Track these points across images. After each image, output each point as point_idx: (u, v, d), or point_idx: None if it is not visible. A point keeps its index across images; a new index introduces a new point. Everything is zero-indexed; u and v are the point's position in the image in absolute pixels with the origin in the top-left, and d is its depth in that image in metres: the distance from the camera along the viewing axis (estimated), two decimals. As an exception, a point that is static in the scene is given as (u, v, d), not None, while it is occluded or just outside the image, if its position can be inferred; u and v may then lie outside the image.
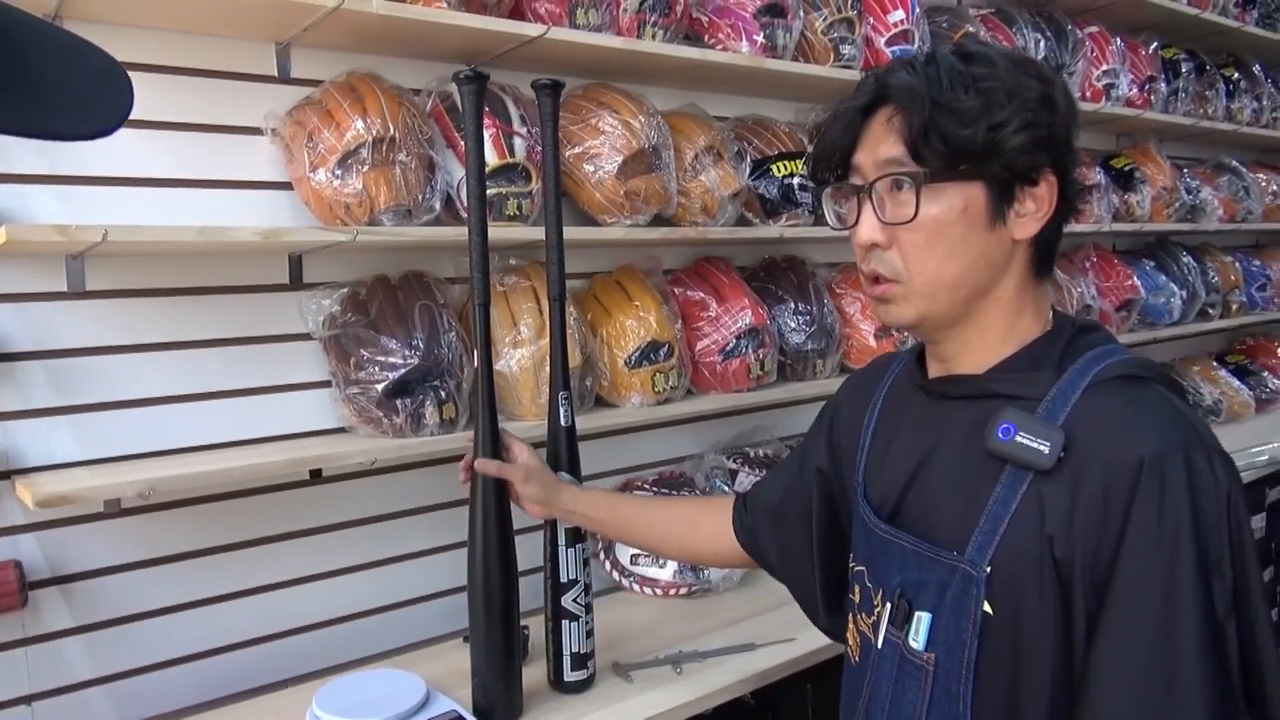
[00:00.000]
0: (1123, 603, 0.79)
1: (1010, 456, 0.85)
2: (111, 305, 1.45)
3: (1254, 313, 3.41)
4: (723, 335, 1.92)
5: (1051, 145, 0.88)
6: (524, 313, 1.67)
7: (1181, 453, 0.79)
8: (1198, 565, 0.77)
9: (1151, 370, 0.88)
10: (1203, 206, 3.13)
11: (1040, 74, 0.89)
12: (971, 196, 0.88)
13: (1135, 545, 0.79)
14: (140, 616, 1.49)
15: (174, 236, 1.34)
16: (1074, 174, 0.91)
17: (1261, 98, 3.35)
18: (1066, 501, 0.82)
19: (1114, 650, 0.79)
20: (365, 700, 1.36)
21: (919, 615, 0.90)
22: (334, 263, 1.64)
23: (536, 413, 1.66)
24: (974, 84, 0.86)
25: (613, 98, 1.78)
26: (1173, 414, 0.84)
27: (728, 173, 1.89)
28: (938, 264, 0.90)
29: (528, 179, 1.62)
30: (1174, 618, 0.77)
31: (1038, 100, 0.87)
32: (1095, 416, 0.84)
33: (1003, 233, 0.90)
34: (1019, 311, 0.93)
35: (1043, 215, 0.89)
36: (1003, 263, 0.91)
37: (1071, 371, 0.87)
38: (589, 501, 1.40)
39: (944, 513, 0.92)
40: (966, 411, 0.92)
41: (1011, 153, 0.86)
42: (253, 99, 1.54)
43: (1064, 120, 0.89)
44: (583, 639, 1.46)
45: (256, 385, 1.57)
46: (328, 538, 1.66)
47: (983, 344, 0.94)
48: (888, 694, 0.94)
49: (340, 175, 1.46)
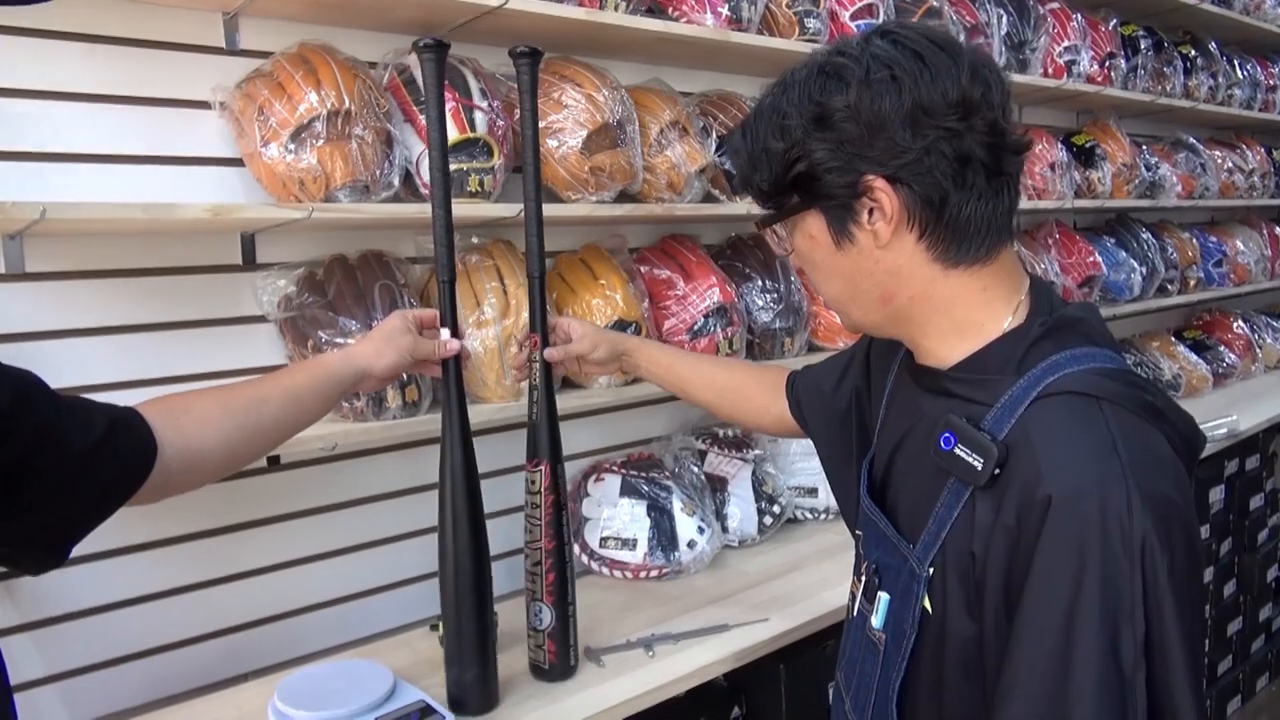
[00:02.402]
0: (1024, 640, 0.77)
1: (949, 467, 0.84)
2: (53, 287, 1.38)
3: (1210, 288, 3.46)
4: (690, 314, 1.89)
5: (854, 157, 0.84)
6: (488, 292, 1.63)
7: (1097, 494, 0.74)
8: (1102, 613, 0.73)
9: (1108, 385, 0.81)
10: (1161, 183, 3.16)
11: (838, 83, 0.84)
12: (811, 225, 0.91)
13: (1037, 586, 0.76)
14: (92, 611, 1.43)
15: (118, 214, 1.27)
16: (928, 162, 0.83)
17: (1217, 75, 3.38)
18: (990, 521, 0.81)
19: (1013, 689, 0.77)
20: (329, 692, 1.32)
21: (880, 595, 0.93)
22: (289, 242, 1.58)
23: (502, 394, 1.63)
24: (778, 121, 0.87)
25: (575, 71, 1.74)
26: (1103, 446, 0.77)
27: (694, 148, 1.86)
28: (823, 285, 0.96)
29: (489, 154, 1.58)
30: (1070, 664, 0.73)
31: (810, 123, 0.85)
32: (1029, 437, 0.80)
33: (864, 246, 0.88)
34: (948, 305, 0.89)
35: (892, 219, 0.85)
36: (886, 268, 0.88)
37: (1027, 378, 0.83)
38: (649, 357, 1.47)
39: (905, 503, 0.94)
40: (933, 405, 0.91)
41: (806, 181, 0.87)
42: (200, 71, 1.48)
43: (856, 130, 0.83)
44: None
45: (209, 370, 1.52)
46: (287, 526, 1.61)
47: (934, 340, 0.91)
48: (857, 660, 0.98)
49: (293, 150, 1.40)
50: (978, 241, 0.87)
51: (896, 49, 0.84)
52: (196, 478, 1.08)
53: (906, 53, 0.83)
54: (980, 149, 0.83)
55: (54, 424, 0.86)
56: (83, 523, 0.92)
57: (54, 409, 0.87)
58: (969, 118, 0.82)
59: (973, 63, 0.84)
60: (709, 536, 1.84)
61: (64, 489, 0.87)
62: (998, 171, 0.85)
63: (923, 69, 0.82)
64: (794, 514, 2.09)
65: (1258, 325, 3.72)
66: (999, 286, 0.89)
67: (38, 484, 0.83)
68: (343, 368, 1.22)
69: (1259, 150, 3.72)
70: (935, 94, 0.82)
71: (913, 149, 0.83)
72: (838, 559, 1.90)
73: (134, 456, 0.95)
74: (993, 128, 0.84)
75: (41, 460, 0.83)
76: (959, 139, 0.83)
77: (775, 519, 2.00)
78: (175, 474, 0.99)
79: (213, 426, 1.05)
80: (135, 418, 0.97)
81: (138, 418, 0.97)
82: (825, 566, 1.86)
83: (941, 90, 0.82)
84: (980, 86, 0.83)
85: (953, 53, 0.84)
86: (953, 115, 0.82)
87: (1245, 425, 2.80)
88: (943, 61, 0.83)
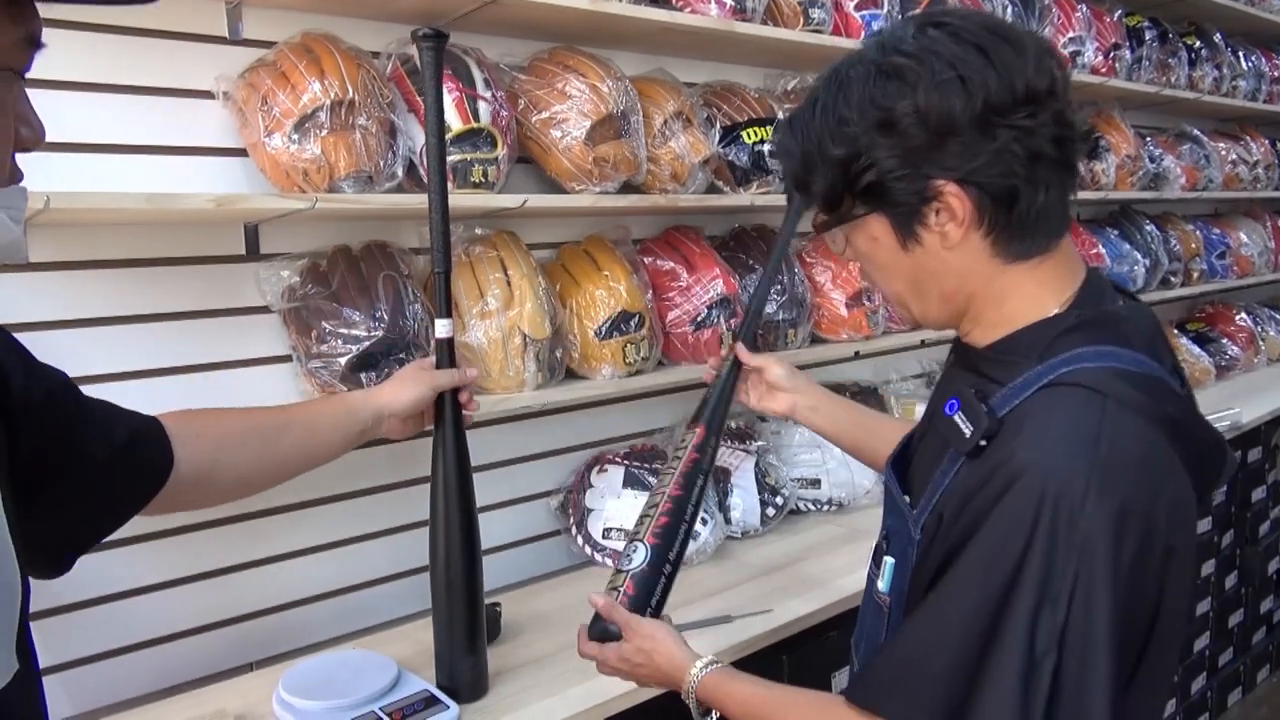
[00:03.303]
0: (952, 596, 0.79)
1: (945, 433, 0.86)
2: (57, 278, 1.38)
3: (1214, 280, 3.46)
4: (694, 305, 1.89)
5: (922, 162, 0.82)
6: (491, 284, 1.63)
7: (1058, 479, 0.75)
8: (1037, 596, 0.74)
9: (1120, 387, 0.79)
10: (1165, 175, 3.15)
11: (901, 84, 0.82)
12: (876, 228, 0.89)
13: (978, 551, 0.78)
14: (94, 602, 1.43)
15: (121, 204, 1.27)
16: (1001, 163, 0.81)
17: (1222, 66, 3.37)
18: (962, 486, 0.83)
19: (924, 635, 0.81)
20: (334, 681, 1.33)
21: (886, 559, 0.95)
22: (292, 233, 1.58)
23: (505, 385, 1.62)
24: (837, 127, 0.85)
25: (579, 61, 1.73)
26: (1085, 439, 0.76)
27: (697, 139, 1.85)
28: (885, 284, 0.95)
29: (493, 145, 1.57)
30: (994, 638, 0.75)
31: (874, 129, 0.82)
32: (1024, 416, 0.81)
33: (930, 248, 0.86)
34: (1002, 298, 0.88)
35: (963, 222, 0.83)
36: (951, 267, 0.87)
37: (1045, 365, 0.83)
38: (835, 406, 1.35)
39: (919, 471, 0.95)
40: (961, 381, 0.92)
41: (877, 188, 0.85)
42: (203, 61, 1.47)
43: (925, 135, 0.81)
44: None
45: (213, 360, 1.51)
46: (289, 517, 1.61)
47: (981, 326, 0.91)
48: (867, 626, 1.01)
49: (297, 140, 1.40)
50: (1043, 234, 0.86)
51: (957, 43, 0.81)
52: (207, 498, 1.08)
53: (968, 47, 0.81)
54: (1049, 143, 0.81)
55: (78, 428, 0.86)
56: (92, 530, 0.92)
57: (80, 413, 0.88)
58: (1038, 113, 0.80)
59: (1036, 52, 0.81)
60: (712, 527, 1.84)
61: (79, 494, 0.87)
62: (1066, 164, 0.84)
63: (988, 65, 0.80)
64: (797, 505, 2.09)
65: (1261, 318, 3.72)
66: (1054, 280, 0.88)
67: (54, 486, 0.84)
68: (363, 407, 1.23)
69: (1263, 142, 3.71)
70: (1004, 92, 0.79)
71: (984, 151, 0.80)
72: (840, 550, 1.90)
73: (149, 469, 0.95)
74: (1059, 119, 0.82)
75: (61, 462, 0.83)
76: (1030, 136, 0.80)
77: (778, 510, 2.00)
78: (187, 491, 1.00)
79: (229, 451, 1.06)
80: (156, 429, 0.97)
81: (159, 429, 0.97)
82: (828, 558, 1.86)
83: (1009, 87, 0.79)
84: (1046, 78, 0.81)
85: (1015, 43, 0.81)
86: (1022, 112, 0.80)
87: (1247, 418, 2.80)
88: (1007, 54, 0.80)
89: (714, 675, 1.04)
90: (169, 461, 0.96)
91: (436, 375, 1.29)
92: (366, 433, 1.24)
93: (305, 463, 1.20)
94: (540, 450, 1.94)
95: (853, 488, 2.11)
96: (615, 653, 1.12)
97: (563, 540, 1.93)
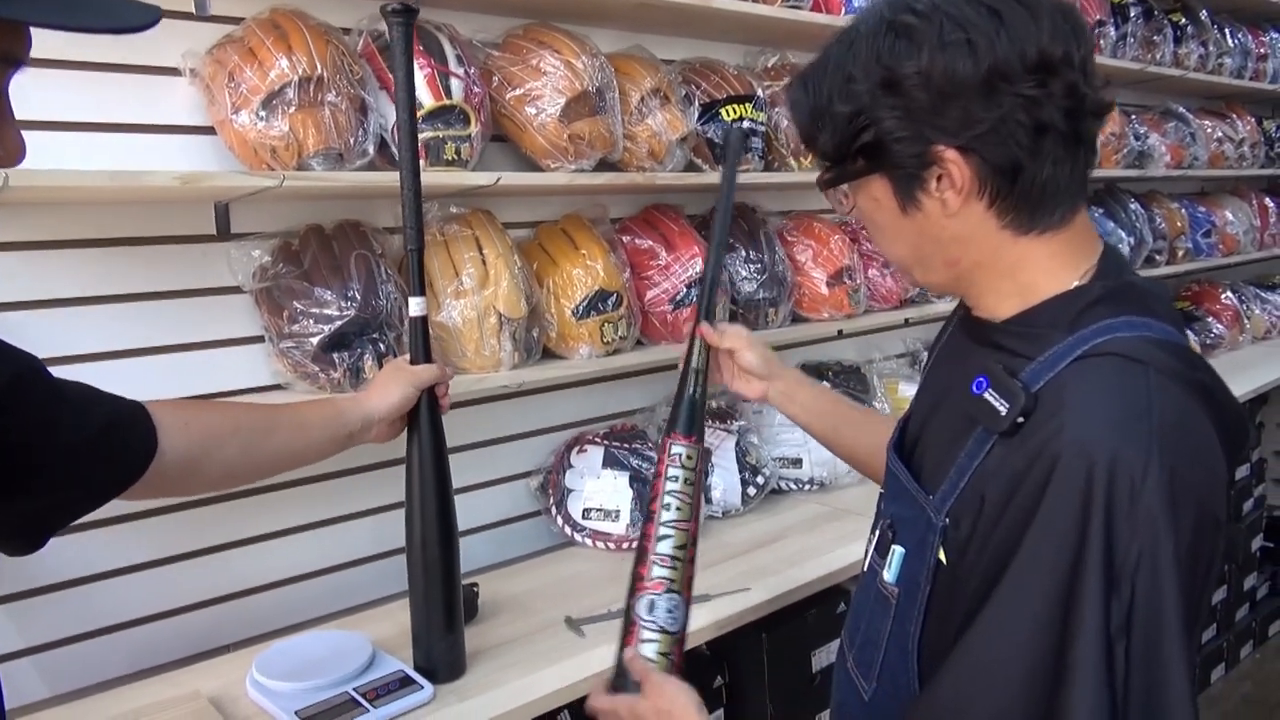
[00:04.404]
0: (1017, 589, 0.74)
1: (975, 411, 0.82)
2: (21, 258, 1.36)
3: (1199, 259, 3.45)
4: (673, 284, 1.88)
5: (924, 125, 0.80)
6: (466, 262, 1.61)
7: (1114, 453, 0.72)
8: (1103, 578, 0.71)
9: (1159, 355, 0.77)
10: (1150, 153, 3.15)
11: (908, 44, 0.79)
12: (877, 189, 0.87)
13: (1037, 537, 0.74)
14: (69, 584, 1.43)
15: (84, 181, 1.25)
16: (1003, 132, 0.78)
17: (1208, 43, 3.36)
18: (1001, 467, 0.78)
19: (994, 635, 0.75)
20: (308, 662, 1.32)
21: (895, 549, 0.91)
22: (263, 211, 1.56)
23: (481, 365, 1.62)
24: (844, 84, 0.83)
25: (554, 37, 1.71)
26: (1136, 409, 0.74)
27: (675, 116, 1.83)
28: (888, 246, 0.92)
29: (466, 122, 1.55)
30: (1069, 626, 0.71)
31: (877, 88, 0.80)
32: (1062, 389, 0.77)
33: (930, 213, 0.84)
34: (1013, 270, 0.85)
35: (961, 190, 0.81)
36: (953, 234, 0.84)
37: (1076, 337, 0.79)
38: (810, 394, 1.29)
39: (933, 454, 0.91)
40: (980, 357, 0.88)
41: (879, 148, 0.82)
42: (169, 37, 1.44)
43: (927, 98, 0.79)
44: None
45: (184, 341, 1.50)
46: (267, 498, 1.60)
47: (993, 299, 0.88)
48: (865, 615, 0.96)
49: (265, 117, 1.38)
50: (1050, 208, 0.83)
51: (971, 6, 0.78)
52: (191, 486, 1.07)
53: (981, 9, 0.78)
54: (1059, 115, 0.78)
55: (50, 413, 0.85)
56: (66, 514, 0.91)
57: (52, 397, 0.86)
58: (1048, 83, 0.77)
59: (1053, 18, 0.78)
60: (692, 507, 1.84)
61: (52, 480, 0.86)
62: (1076, 138, 0.80)
63: (999, 28, 0.77)
64: (778, 485, 2.09)
65: (1246, 296, 3.71)
66: (1068, 253, 0.85)
67: (25, 471, 0.83)
68: (351, 411, 1.22)
69: (1249, 120, 3.70)
70: (1012, 57, 0.76)
71: (987, 119, 0.78)
72: (821, 530, 1.90)
73: (129, 454, 0.94)
74: (1072, 91, 0.78)
75: (32, 447, 0.82)
76: (1037, 106, 0.78)
77: (759, 490, 2.00)
78: (171, 478, 0.99)
79: (218, 442, 1.05)
80: (140, 414, 0.96)
81: (143, 415, 0.96)
82: (808, 537, 1.86)
83: (1019, 52, 0.77)
84: (1061, 45, 0.78)
85: (1032, 7, 0.78)
86: (1030, 80, 0.77)
87: (1231, 395, 2.80)
88: (1020, 18, 0.77)
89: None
90: (151, 448, 0.95)
91: (417, 373, 1.28)
92: (354, 437, 1.23)
93: (290, 463, 1.20)
94: (519, 431, 1.94)
95: (835, 467, 2.11)
96: (628, 707, 1.01)
97: (542, 521, 1.92)
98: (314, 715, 1.22)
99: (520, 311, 1.63)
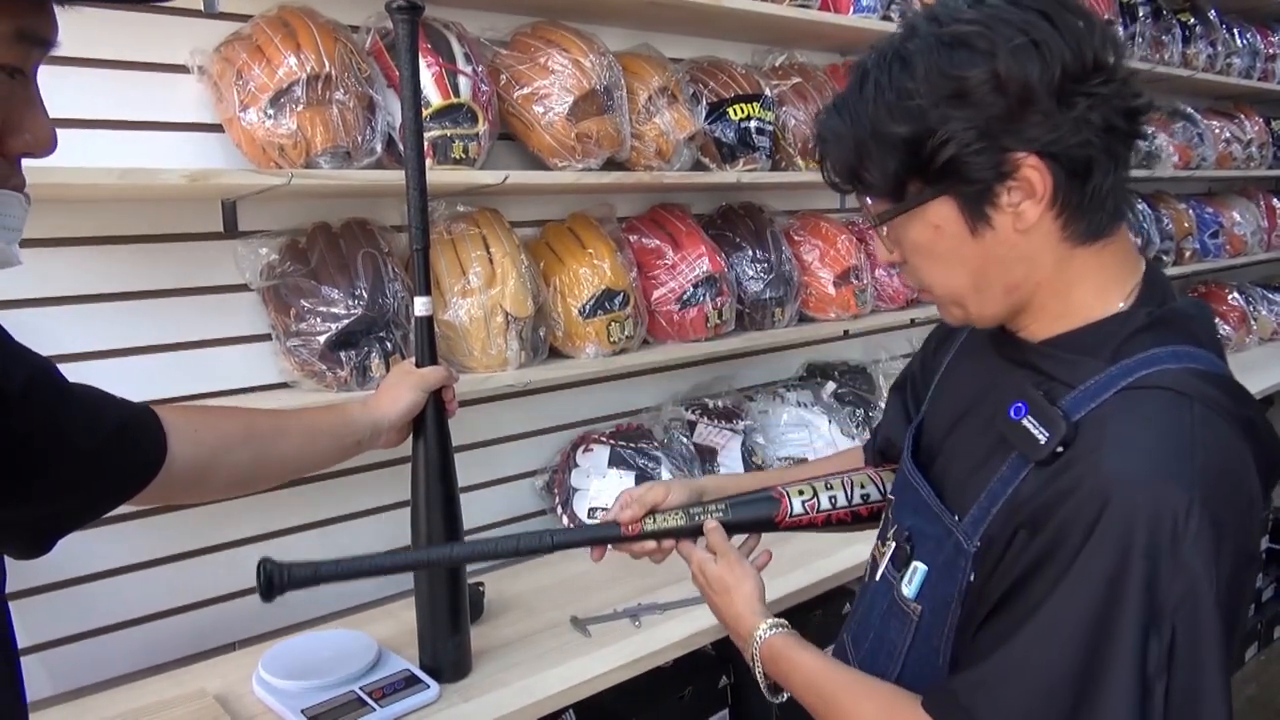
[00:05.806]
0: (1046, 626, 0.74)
1: (1011, 436, 0.80)
2: (29, 256, 1.33)
3: (1206, 260, 3.44)
4: (680, 283, 1.88)
5: (1000, 134, 0.77)
6: (473, 261, 1.61)
7: (1156, 491, 0.71)
8: (1141, 617, 0.70)
9: (1205, 389, 0.76)
10: (1158, 153, 3.13)
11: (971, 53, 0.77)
12: (940, 214, 0.82)
13: (1072, 573, 0.73)
14: (76, 581, 1.43)
15: (94, 179, 1.25)
16: (1081, 134, 0.77)
17: (1216, 43, 3.34)
18: (1037, 495, 0.78)
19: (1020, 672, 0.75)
20: (314, 661, 1.33)
21: (916, 565, 0.90)
22: (271, 210, 1.56)
23: (487, 364, 1.61)
24: (899, 102, 0.79)
25: (562, 36, 1.71)
26: (1179, 447, 0.73)
27: (683, 115, 1.83)
28: (944, 278, 0.86)
29: (474, 120, 1.55)
30: (1102, 665, 0.71)
31: (945, 101, 0.77)
32: (1105, 422, 0.76)
33: (1002, 231, 0.80)
34: (1068, 287, 0.83)
35: (1041, 198, 0.78)
36: (1021, 253, 0.81)
37: (1120, 367, 0.78)
38: (725, 486, 1.23)
39: (958, 472, 0.90)
40: (1011, 377, 0.86)
41: (950, 166, 0.78)
42: (178, 34, 1.44)
43: (1003, 104, 0.77)
44: None
45: (191, 339, 1.50)
46: (274, 497, 1.60)
47: (1037, 319, 0.86)
48: (875, 624, 0.96)
49: (273, 115, 1.38)
50: (1108, 213, 0.81)
51: (1020, 10, 0.78)
52: (199, 493, 1.07)
53: (1032, 13, 0.77)
54: (1119, 115, 0.78)
55: (61, 419, 0.85)
56: (73, 519, 0.91)
57: (64, 402, 0.86)
58: (1110, 81, 0.77)
59: (1088, 20, 0.79)
60: (697, 507, 1.83)
61: (61, 486, 0.85)
62: (1134, 135, 0.81)
63: (1055, 31, 0.76)
64: (784, 485, 2.08)
65: (1253, 297, 3.70)
66: (1116, 267, 0.83)
67: (34, 477, 0.82)
68: (361, 419, 1.22)
69: (1257, 120, 3.69)
70: (1076, 59, 0.76)
71: (1064, 120, 0.76)
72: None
73: (138, 461, 0.94)
74: (1127, 89, 0.79)
75: (43, 451, 0.82)
76: (1105, 105, 0.77)
77: (765, 490, 1.99)
78: (179, 485, 0.99)
79: (227, 449, 1.05)
80: (150, 420, 0.95)
81: (153, 421, 0.96)
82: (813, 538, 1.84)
83: (1079, 54, 0.76)
84: (1111, 47, 0.78)
85: (1073, 10, 0.79)
86: (1097, 79, 0.77)
87: (1238, 397, 2.79)
88: (1070, 21, 0.77)
89: (781, 638, 1.00)
90: (161, 455, 0.95)
91: (425, 376, 1.28)
92: (363, 444, 1.23)
93: (299, 470, 1.21)
94: (525, 430, 1.93)
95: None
96: (699, 565, 1.09)
97: (548, 520, 1.92)
98: (320, 714, 1.23)
99: (527, 310, 1.62)
